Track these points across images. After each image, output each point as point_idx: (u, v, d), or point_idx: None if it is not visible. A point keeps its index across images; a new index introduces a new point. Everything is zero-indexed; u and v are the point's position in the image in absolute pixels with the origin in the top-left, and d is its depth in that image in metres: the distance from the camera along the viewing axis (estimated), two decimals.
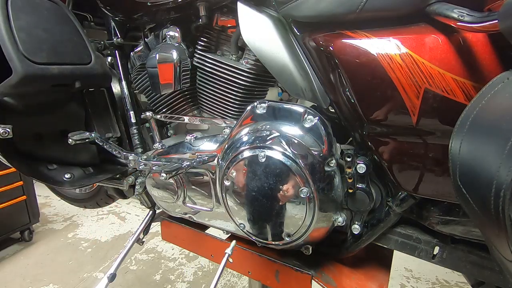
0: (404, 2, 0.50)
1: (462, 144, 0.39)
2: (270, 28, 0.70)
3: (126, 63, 0.99)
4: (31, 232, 2.22)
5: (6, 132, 0.78)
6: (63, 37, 0.80)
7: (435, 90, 0.49)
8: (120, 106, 1.00)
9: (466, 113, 0.38)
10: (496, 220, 0.33)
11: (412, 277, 1.79)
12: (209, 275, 1.90)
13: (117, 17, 0.93)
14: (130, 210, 2.71)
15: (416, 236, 0.69)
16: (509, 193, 0.31)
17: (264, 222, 0.71)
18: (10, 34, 0.69)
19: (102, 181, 0.99)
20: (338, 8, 0.56)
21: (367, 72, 0.55)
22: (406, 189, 0.61)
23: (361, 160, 0.66)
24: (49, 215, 2.61)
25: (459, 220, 0.59)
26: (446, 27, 0.48)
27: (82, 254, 2.10)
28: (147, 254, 2.09)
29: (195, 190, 0.88)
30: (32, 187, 2.14)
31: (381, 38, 0.54)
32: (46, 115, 0.90)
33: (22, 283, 1.80)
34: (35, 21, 0.74)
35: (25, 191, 2.08)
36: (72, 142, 0.82)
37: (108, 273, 0.92)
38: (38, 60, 0.73)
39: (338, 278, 0.75)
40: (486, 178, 0.34)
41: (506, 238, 0.33)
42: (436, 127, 0.53)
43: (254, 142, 0.69)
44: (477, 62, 0.47)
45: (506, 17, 0.36)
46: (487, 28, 0.41)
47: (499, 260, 0.40)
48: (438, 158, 0.55)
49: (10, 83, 0.71)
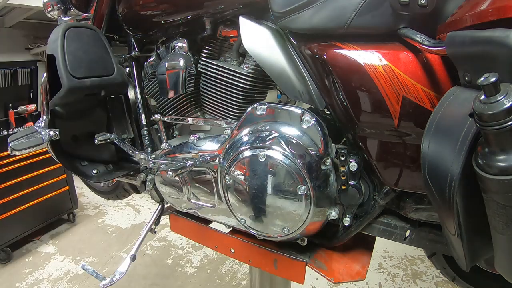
0: (381, 23, 0.58)
1: (430, 144, 0.46)
2: (269, 37, 0.74)
3: (140, 72, 1.07)
4: (74, 215, 2.72)
5: (56, 135, 0.94)
6: (96, 56, 0.93)
7: (410, 97, 0.56)
8: (133, 109, 1.09)
9: (431, 119, 0.46)
10: (448, 204, 0.40)
11: (388, 257, 2.16)
12: (213, 262, 2.17)
13: (137, 35, 1.04)
14: (143, 204, 3.04)
15: (394, 223, 0.75)
16: (457, 183, 0.39)
17: (263, 217, 0.74)
18: (64, 58, 0.84)
19: (119, 177, 1.11)
20: (329, 23, 0.62)
21: (356, 79, 0.61)
22: (389, 184, 0.67)
23: (353, 159, 0.70)
24: (84, 203, 3.07)
25: (425, 207, 0.67)
26: (414, 47, 0.56)
27: (109, 237, 2.53)
28: (159, 242, 2.41)
29: (198, 188, 0.92)
30: (72, 180, 2.61)
31: (366, 50, 0.60)
32: (80, 120, 1.04)
33: (73, 252, 2.32)
34: (79, 46, 0.89)
35: (68, 182, 2.57)
36: (97, 142, 0.96)
37: (130, 254, 1.03)
38: (77, 75, 0.87)
39: (329, 263, 0.81)
40: (444, 172, 0.41)
41: (453, 218, 0.41)
42: (412, 130, 0.59)
43: (254, 142, 0.72)
44: (437, 77, 0.55)
45: (449, 45, 0.45)
46: (439, 52, 0.49)
47: (447, 235, 0.48)
48: (414, 157, 0.62)
49: (59, 95, 0.87)
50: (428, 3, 0.53)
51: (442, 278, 1.89)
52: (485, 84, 0.36)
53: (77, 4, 1.13)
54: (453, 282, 0.95)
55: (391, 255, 2.16)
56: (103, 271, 2.10)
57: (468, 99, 0.43)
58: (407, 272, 2.01)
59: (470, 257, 0.46)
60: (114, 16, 1.02)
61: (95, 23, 1.05)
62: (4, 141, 2.04)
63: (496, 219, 0.39)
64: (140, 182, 1.10)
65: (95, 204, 3.05)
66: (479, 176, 0.38)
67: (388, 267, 2.05)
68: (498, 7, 0.40)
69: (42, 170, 2.35)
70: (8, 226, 2.18)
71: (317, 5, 0.62)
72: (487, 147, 0.38)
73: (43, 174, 2.37)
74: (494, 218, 0.39)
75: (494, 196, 0.37)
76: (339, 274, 0.78)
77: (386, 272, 2.02)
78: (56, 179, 2.47)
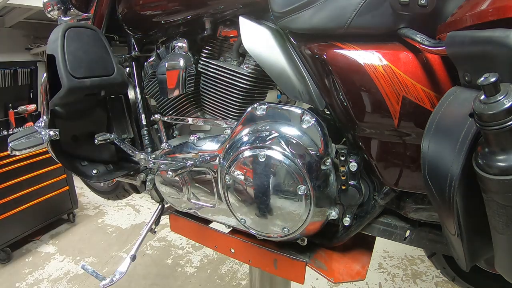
0: (381, 23, 0.58)
1: (430, 144, 0.47)
2: (269, 37, 0.74)
3: (140, 72, 1.08)
4: (74, 215, 2.73)
5: (56, 135, 0.94)
6: (96, 56, 0.94)
7: (410, 97, 0.56)
8: (133, 109, 1.10)
9: (431, 119, 0.46)
10: (448, 204, 0.40)
11: (388, 256, 2.17)
12: (213, 262, 2.17)
13: (137, 35, 1.04)
14: (143, 203, 3.05)
15: (394, 223, 0.76)
16: (457, 183, 0.39)
17: (263, 217, 0.74)
18: (64, 58, 0.85)
19: (119, 177, 1.11)
20: (329, 23, 0.62)
21: (356, 79, 0.61)
22: (389, 184, 0.67)
23: (353, 159, 0.69)
24: (84, 203, 3.08)
25: (425, 207, 0.67)
26: (413, 47, 0.56)
27: (109, 237, 2.54)
28: (159, 242, 2.41)
29: (198, 188, 0.92)
30: (72, 180, 2.62)
31: (366, 50, 0.60)
32: (80, 120, 1.04)
33: (73, 252, 2.33)
34: (79, 46, 0.89)
35: (68, 182, 2.58)
36: (97, 142, 0.96)
37: (130, 254, 1.03)
38: (77, 75, 0.87)
39: (329, 263, 0.81)
40: (444, 172, 0.41)
41: (452, 218, 0.41)
42: (412, 130, 0.59)
43: (254, 142, 0.72)
44: (437, 77, 0.55)
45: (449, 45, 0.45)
46: (439, 52, 0.49)
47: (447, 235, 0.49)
48: (414, 157, 0.62)
49: (59, 95, 0.87)
50: (428, 3, 0.53)
51: (442, 278, 1.89)
52: (485, 84, 0.36)
53: (77, 4, 1.14)
54: (453, 282, 0.95)
55: (391, 255, 2.17)
56: (103, 271, 2.11)
57: (468, 99, 0.43)
58: (407, 272, 2.01)
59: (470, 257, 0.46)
60: (114, 16, 1.02)
61: (95, 23, 1.05)
62: (4, 141, 2.04)
63: (496, 219, 0.39)
64: (140, 182, 1.10)
65: (95, 204, 3.07)
66: (479, 176, 0.38)
67: (388, 267, 2.06)
68: (498, 7, 0.40)
69: (42, 170, 2.36)
70: (8, 226, 2.18)
71: (317, 5, 0.62)
72: (487, 147, 0.38)
73: (43, 174, 2.38)
74: (494, 218, 0.39)
75: (494, 196, 0.37)
76: (339, 274, 0.78)
77: (386, 272, 2.02)
78: (56, 179, 2.48)
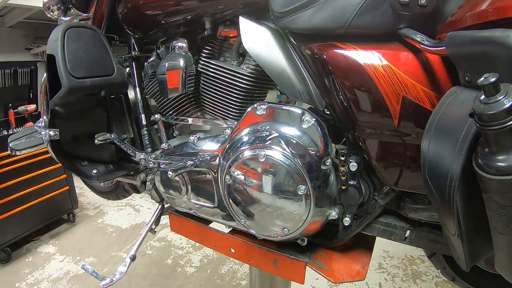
0: (381, 23, 0.58)
1: (430, 144, 0.47)
2: (269, 37, 0.74)
3: (140, 72, 1.08)
4: (74, 215, 2.73)
5: (56, 135, 0.94)
6: (96, 56, 0.94)
7: (410, 97, 0.56)
8: (133, 109, 1.10)
9: (431, 119, 0.46)
10: (448, 204, 0.40)
11: (388, 256, 2.17)
12: (213, 262, 2.17)
13: (137, 35, 1.04)
14: (143, 203, 3.05)
15: (394, 223, 0.76)
16: (457, 183, 0.39)
17: (263, 217, 0.74)
18: (64, 58, 0.85)
19: (119, 177, 1.11)
20: (329, 23, 0.62)
21: (356, 79, 0.61)
22: (389, 184, 0.67)
23: (353, 159, 0.70)
24: (84, 203, 3.08)
25: (425, 207, 0.67)
26: (413, 47, 0.56)
27: (109, 237, 2.54)
28: (159, 242, 2.41)
29: (198, 188, 0.92)
30: (72, 180, 2.62)
31: (366, 50, 0.60)
32: (80, 120, 1.04)
33: (73, 252, 2.33)
34: (79, 46, 0.90)
35: (68, 182, 2.58)
36: (97, 142, 0.96)
37: (130, 254, 1.03)
38: (77, 75, 0.87)
39: (329, 263, 0.81)
40: (444, 172, 0.41)
41: (453, 218, 0.41)
42: (412, 130, 0.59)
43: (254, 142, 0.72)
44: (437, 77, 0.55)
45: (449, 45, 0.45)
46: (439, 52, 0.49)
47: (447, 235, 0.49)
48: (414, 157, 0.62)
49: (59, 95, 0.87)
50: (428, 3, 0.53)
51: (442, 278, 1.89)
52: (485, 84, 0.36)
53: (77, 4, 1.14)
54: (453, 282, 0.95)
55: (391, 255, 2.17)
56: (103, 271, 2.11)
57: (468, 99, 0.43)
58: (407, 272, 2.01)
59: (470, 257, 0.46)
60: (114, 16, 1.02)
61: (95, 23, 1.05)
62: (4, 141, 2.04)
63: (496, 219, 0.39)
64: (140, 182, 1.10)
65: (95, 204, 3.06)
66: (479, 176, 0.38)
67: (388, 267, 2.06)
68: (498, 7, 0.40)
69: (42, 170, 2.36)
70: (8, 226, 2.18)
71: (317, 5, 0.62)
72: (487, 147, 0.38)
73: (43, 174, 2.38)
74: (494, 218, 0.39)
75: (494, 196, 0.38)
76: (339, 274, 0.78)
77: (386, 272, 2.02)
78: (56, 179, 2.48)
